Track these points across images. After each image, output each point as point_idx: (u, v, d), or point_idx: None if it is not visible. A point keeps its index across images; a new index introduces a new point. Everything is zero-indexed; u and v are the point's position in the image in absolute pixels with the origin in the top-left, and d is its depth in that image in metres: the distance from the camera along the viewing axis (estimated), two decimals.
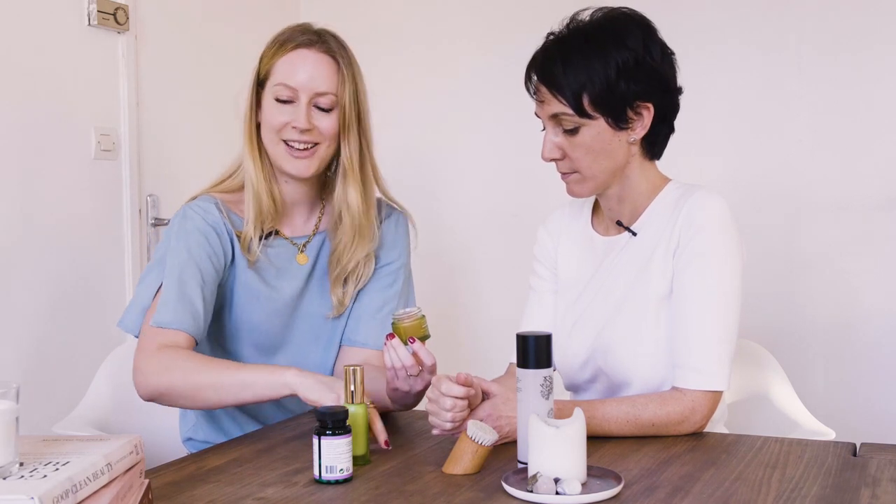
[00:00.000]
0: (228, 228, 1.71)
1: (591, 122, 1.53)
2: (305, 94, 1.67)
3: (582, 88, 1.51)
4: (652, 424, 1.48)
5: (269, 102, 1.70)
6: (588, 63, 1.51)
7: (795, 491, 1.21)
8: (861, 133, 2.59)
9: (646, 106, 1.54)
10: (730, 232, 1.54)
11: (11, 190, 2.20)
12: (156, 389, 1.57)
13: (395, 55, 3.10)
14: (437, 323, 2.11)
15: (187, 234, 1.67)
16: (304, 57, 1.69)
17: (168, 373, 1.56)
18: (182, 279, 1.63)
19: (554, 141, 1.56)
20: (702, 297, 1.52)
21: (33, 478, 0.96)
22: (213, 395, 1.56)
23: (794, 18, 2.64)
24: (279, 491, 1.25)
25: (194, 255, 1.65)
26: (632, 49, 1.51)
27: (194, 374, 1.56)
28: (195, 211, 1.70)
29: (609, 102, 1.51)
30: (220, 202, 1.72)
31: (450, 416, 1.40)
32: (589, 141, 1.54)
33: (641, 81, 1.52)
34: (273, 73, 1.69)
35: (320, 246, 1.79)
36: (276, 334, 1.74)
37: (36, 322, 2.25)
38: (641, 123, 1.55)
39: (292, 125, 1.68)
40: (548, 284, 1.74)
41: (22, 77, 2.23)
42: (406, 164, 3.00)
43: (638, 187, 1.61)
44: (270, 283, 1.72)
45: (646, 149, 1.59)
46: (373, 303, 1.78)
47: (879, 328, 2.57)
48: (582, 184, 1.59)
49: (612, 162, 1.56)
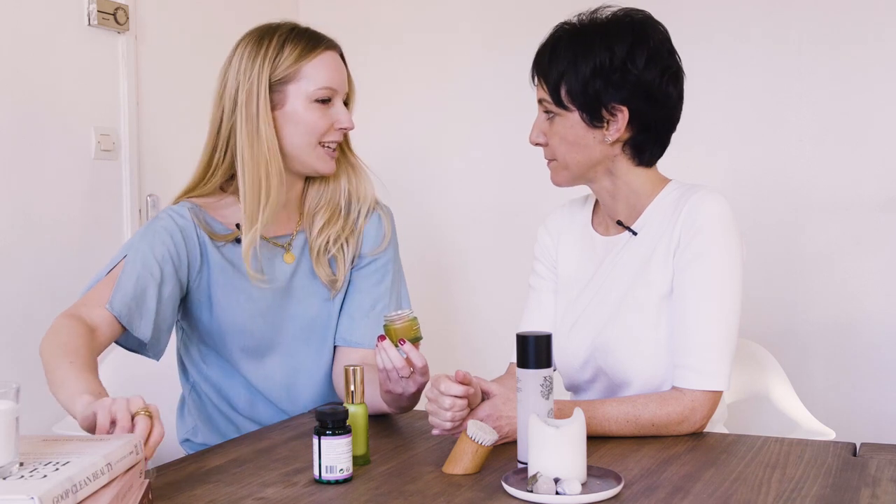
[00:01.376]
0: (200, 233, 1.68)
1: (566, 113, 1.57)
2: (341, 94, 1.72)
3: (560, 78, 1.56)
4: (652, 424, 1.48)
5: (303, 107, 1.68)
6: (570, 57, 1.55)
7: (795, 491, 1.21)
8: (861, 133, 2.59)
9: (620, 109, 1.55)
10: (731, 232, 1.54)
11: (11, 190, 2.20)
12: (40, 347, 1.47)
13: (392, 55, 3.10)
14: (433, 323, 2.11)
15: (154, 233, 1.65)
16: (334, 58, 1.73)
17: (45, 339, 1.47)
18: (140, 278, 1.59)
19: (540, 126, 1.62)
20: (702, 296, 1.52)
21: (33, 478, 0.96)
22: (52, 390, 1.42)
23: (794, 17, 2.64)
24: (279, 491, 1.25)
25: (155, 253, 1.62)
26: (614, 52, 1.53)
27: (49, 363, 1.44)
28: (167, 213, 1.69)
29: (582, 98, 1.55)
30: (197, 206, 1.71)
31: (449, 415, 1.40)
32: (563, 130, 1.58)
33: (618, 85, 1.54)
34: (303, 77, 1.68)
35: (304, 244, 1.77)
36: (264, 337, 1.73)
37: (36, 322, 2.25)
38: (616, 126, 1.56)
39: (338, 126, 1.70)
40: (548, 284, 1.74)
41: (22, 77, 2.23)
42: (403, 164, 3.01)
43: (631, 185, 1.61)
44: (253, 284, 1.70)
45: (631, 155, 1.59)
46: (364, 301, 1.78)
47: (879, 328, 2.57)
48: (559, 172, 1.63)
49: (586, 156, 1.59)
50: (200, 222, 1.69)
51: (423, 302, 2.19)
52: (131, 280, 1.59)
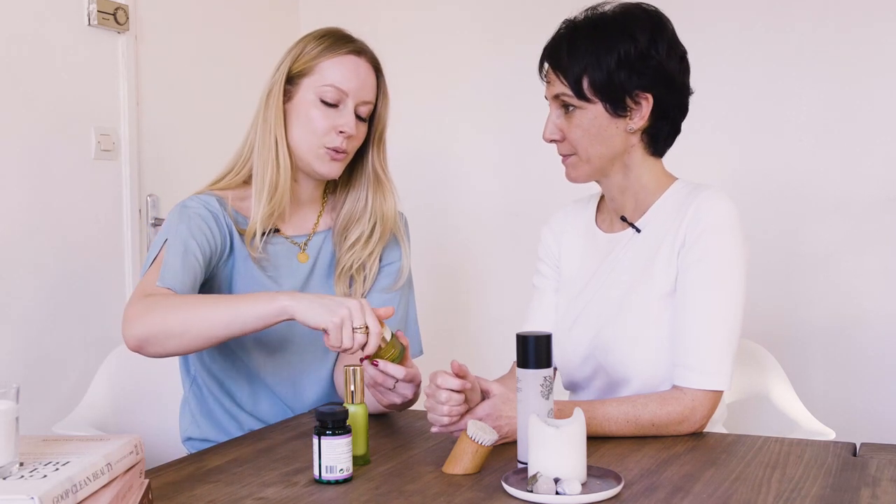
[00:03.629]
0: (228, 221, 1.71)
1: (589, 106, 1.56)
2: (353, 100, 1.71)
3: (583, 72, 1.55)
4: (652, 424, 1.48)
5: (310, 102, 1.70)
6: (593, 49, 1.55)
7: (795, 491, 1.21)
8: (862, 133, 2.59)
9: (645, 96, 1.56)
10: (737, 233, 1.55)
11: (11, 189, 2.20)
12: (142, 333, 1.48)
13: (396, 57, 3.06)
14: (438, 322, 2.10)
15: (188, 218, 1.66)
16: (357, 64, 1.72)
17: (151, 313, 1.48)
18: (186, 252, 1.62)
19: (555, 122, 1.61)
20: (705, 296, 1.52)
21: (33, 478, 0.96)
22: (203, 329, 1.48)
23: (795, 17, 2.64)
24: (279, 491, 1.25)
25: (193, 232, 1.64)
26: (637, 41, 1.54)
27: (180, 309, 1.48)
28: (195, 201, 1.70)
29: (608, 89, 1.55)
30: (221, 198, 1.73)
31: (445, 409, 1.40)
32: (586, 123, 1.57)
33: (642, 73, 1.55)
34: (317, 73, 1.70)
35: (321, 245, 1.80)
36: (278, 330, 1.74)
37: (36, 322, 2.25)
38: (640, 113, 1.57)
39: (339, 130, 1.70)
40: (551, 283, 1.75)
41: (22, 77, 2.23)
42: (409, 164, 3.00)
43: (641, 179, 1.62)
44: (271, 279, 1.73)
45: (647, 143, 1.60)
46: (373, 303, 1.78)
47: (880, 328, 2.57)
48: (578, 167, 1.62)
49: (609, 148, 1.58)
50: (227, 211, 1.71)
51: (431, 301, 2.19)
52: (177, 258, 1.60)
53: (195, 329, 1.48)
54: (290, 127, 1.72)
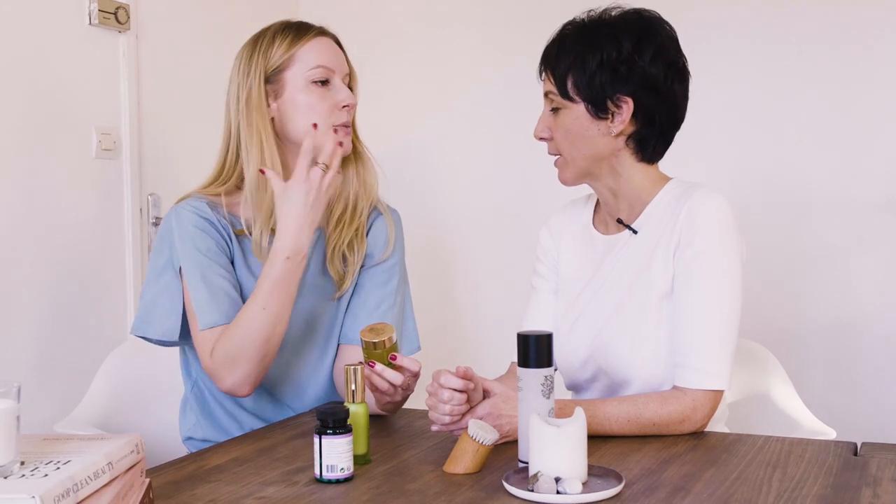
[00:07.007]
0: (224, 224, 1.71)
1: (573, 106, 1.58)
2: (340, 73, 1.74)
3: (568, 71, 1.58)
4: (653, 424, 1.48)
5: (302, 90, 1.71)
6: (579, 50, 1.57)
7: (796, 490, 1.21)
8: (861, 133, 2.59)
9: (625, 100, 1.56)
10: (730, 231, 1.55)
11: (12, 189, 2.19)
12: (238, 382, 1.62)
13: (393, 54, 3.10)
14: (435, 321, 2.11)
15: (189, 236, 1.68)
16: (326, 43, 1.76)
17: (234, 364, 1.60)
18: (205, 276, 1.65)
19: (545, 120, 1.63)
20: (703, 296, 1.52)
21: (34, 477, 0.96)
22: (276, 334, 1.62)
23: (795, 17, 2.64)
24: (280, 490, 1.25)
25: (203, 251, 1.67)
26: (621, 45, 1.55)
27: (246, 339, 1.60)
28: (186, 210, 1.71)
29: (589, 90, 1.56)
30: (211, 202, 1.73)
31: (447, 408, 1.40)
32: (568, 123, 1.59)
33: (624, 77, 1.55)
34: (298, 61, 1.71)
35: (315, 242, 1.78)
36: None
37: (37, 321, 2.25)
38: (620, 117, 1.57)
39: (342, 104, 1.72)
40: (549, 284, 1.75)
41: (23, 76, 2.22)
42: (404, 163, 3.00)
43: (631, 183, 1.62)
44: None
45: (635, 149, 1.60)
46: (369, 301, 1.79)
47: (880, 327, 2.57)
48: (564, 168, 1.64)
49: (591, 149, 1.59)
50: (222, 214, 1.72)
51: (426, 300, 2.19)
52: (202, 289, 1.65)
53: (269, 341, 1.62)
54: (287, 122, 1.72)
